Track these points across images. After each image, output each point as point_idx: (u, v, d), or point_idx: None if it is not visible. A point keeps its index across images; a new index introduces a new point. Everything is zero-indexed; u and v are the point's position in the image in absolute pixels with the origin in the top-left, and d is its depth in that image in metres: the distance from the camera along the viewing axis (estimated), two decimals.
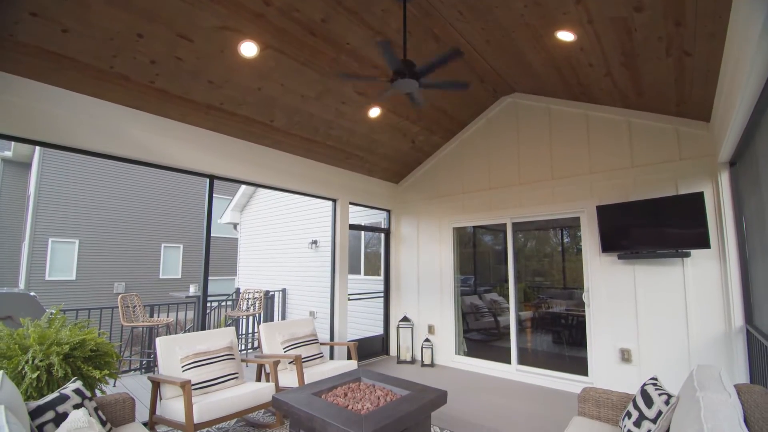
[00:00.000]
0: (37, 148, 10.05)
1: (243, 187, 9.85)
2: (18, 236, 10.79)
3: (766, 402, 1.73)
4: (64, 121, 3.07)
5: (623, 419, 2.19)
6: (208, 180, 4.04)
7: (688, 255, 3.57)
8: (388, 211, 6.46)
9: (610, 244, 3.97)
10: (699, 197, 3.47)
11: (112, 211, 11.43)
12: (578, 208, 4.37)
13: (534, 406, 3.85)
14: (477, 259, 5.98)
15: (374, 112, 4.38)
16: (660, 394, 2.06)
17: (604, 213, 4.01)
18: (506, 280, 5.02)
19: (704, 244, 3.40)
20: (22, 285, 9.86)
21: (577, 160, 4.42)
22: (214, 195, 4.08)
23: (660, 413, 1.97)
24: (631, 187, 4.00)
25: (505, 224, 5.04)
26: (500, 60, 4.05)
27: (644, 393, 2.16)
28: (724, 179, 3.45)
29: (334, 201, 5.51)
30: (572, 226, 4.84)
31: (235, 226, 10.67)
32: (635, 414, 2.10)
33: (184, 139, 3.78)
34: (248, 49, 3.15)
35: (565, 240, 5.22)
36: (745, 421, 1.54)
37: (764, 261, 2.75)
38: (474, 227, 5.78)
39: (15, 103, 2.84)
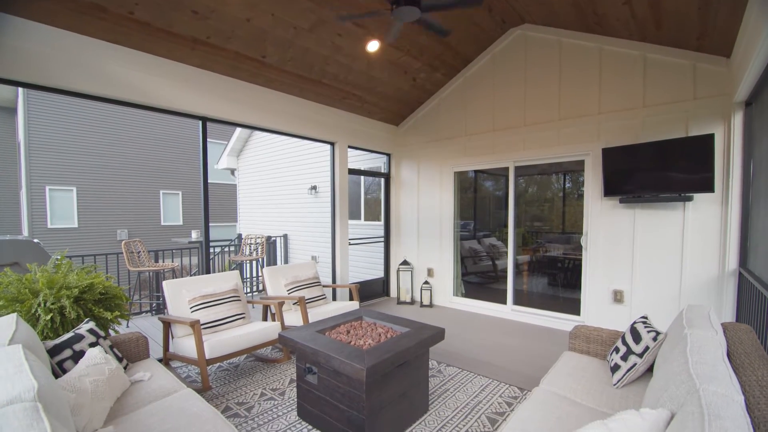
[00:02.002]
0: (20, 91, 9.58)
1: (238, 130, 9.57)
2: (14, 184, 10.70)
3: (749, 338, 1.81)
4: (39, 57, 2.85)
5: (611, 354, 2.32)
6: (200, 122, 3.88)
7: (690, 199, 3.55)
8: (388, 155, 6.33)
9: (613, 187, 3.93)
10: (709, 139, 3.36)
11: (106, 157, 11.22)
12: (583, 151, 4.26)
13: (527, 342, 4.08)
14: (477, 205, 5.99)
15: (373, 46, 4.07)
16: (648, 331, 2.16)
17: (610, 156, 3.92)
18: (506, 225, 5.06)
19: (708, 188, 3.36)
20: (25, 233, 9.99)
21: (586, 100, 4.22)
22: (208, 139, 3.95)
23: (647, 348, 2.07)
24: (639, 129, 3.86)
25: (507, 168, 4.95)
26: None
27: (633, 330, 2.26)
28: (738, 120, 3.33)
29: (332, 144, 5.37)
30: (575, 170, 4.77)
31: (232, 171, 10.54)
32: (623, 349, 2.21)
33: (171, 77, 3.56)
34: None
35: (567, 185, 5.18)
36: (729, 355, 1.62)
37: (767, 205, 2.73)
38: (475, 172, 5.70)
39: None
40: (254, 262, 6.81)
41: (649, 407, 1.40)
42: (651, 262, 3.85)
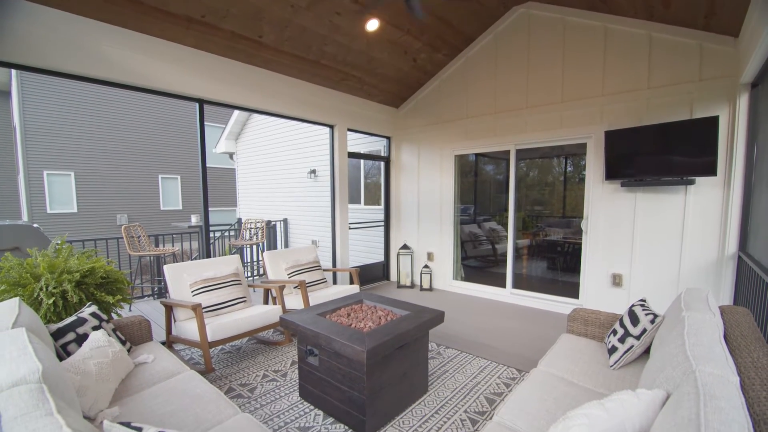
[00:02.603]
0: (13, 73, 9.41)
1: (235, 113, 9.45)
2: (11, 169, 10.62)
3: (746, 321, 1.82)
4: (31, 38, 2.78)
5: (609, 336, 2.35)
6: (197, 105, 3.82)
7: (692, 182, 3.53)
8: (388, 138, 6.26)
9: (614, 171, 3.90)
10: (713, 122, 3.32)
11: (103, 142, 11.12)
12: (586, 134, 4.21)
13: (525, 325, 4.13)
14: (477, 189, 5.96)
15: (372, 24, 3.97)
16: (646, 314, 2.18)
17: (612, 138, 3.87)
18: (506, 209, 5.05)
19: (711, 171, 3.34)
20: (25, 218, 9.98)
21: (590, 81, 4.14)
22: (206, 123, 3.90)
23: (644, 331, 2.10)
24: (643, 111, 3.81)
25: (508, 151, 4.91)
26: None
27: (631, 313, 2.28)
28: (743, 102, 3.28)
29: (332, 127, 5.30)
30: (577, 153, 4.73)
31: (231, 155, 10.47)
32: (621, 331, 2.24)
33: (167, 58, 3.48)
34: None
35: (568, 169, 5.14)
36: (726, 338, 1.64)
37: None
38: (476, 155, 5.65)
39: None
40: (254, 247, 6.84)
41: (645, 388, 1.42)
42: (651, 245, 3.86)
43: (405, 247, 6.01)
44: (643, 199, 3.88)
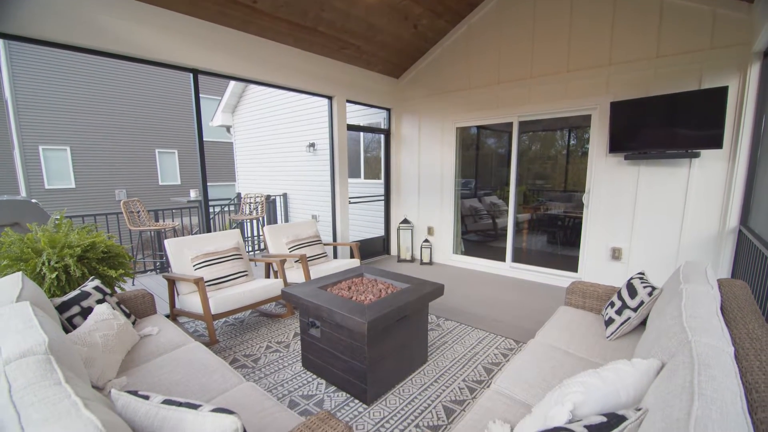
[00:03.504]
0: (1, 44, 9.09)
1: (231, 85, 9.22)
2: (6, 144, 10.46)
3: (743, 294, 1.84)
4: (15, 4, 2.66)
5: (606, 308, 2.38)
6: (191, 75, 3.71)
7: (697, 155, 3.48)
8: (388, 110, 6.13)
9: (618, 143, 3.84)
10: (722, 92, 3.23)
11: (98, 115, 10.90)
12: (591, 105, 4.11)
13: (524, 298, 4.19)
14: (479, 162, 5.89)
15: None
16: (645, 287, 2.19)
17: (618, 110, 3.79)
18: (507, 184, 5.01)
19: (717, 144, 3.28)
20: (23, 194, 9.93)
21: (597, 49, 3.99)
22: (201, 95, 3.80)
23: (642, 303, 2.12)
24: (651, 81, 3.70)
25: (511, 123, 4.82)
26: None
27: (630, 286, 2.30)
28: (754, 71, 3.18)
29: (330, 99, 5.17)
30: (581, 126, 4.64)
31: (228, 129, 10.29)
32: (618, 304, 2.27)
33: (158, 26, 3.34)
34: None
35: (571, 142, 5.06)
36: (723, 310, 1.65)
37: None
38: (478, 128, 5.55)
39: None
40: (254, 221, 6.84)
41: (640, 358, 1.45)
42: (652, 219, 3.85)
43: (405, 221, 6.02)
44: (647, 172, 3.83)
